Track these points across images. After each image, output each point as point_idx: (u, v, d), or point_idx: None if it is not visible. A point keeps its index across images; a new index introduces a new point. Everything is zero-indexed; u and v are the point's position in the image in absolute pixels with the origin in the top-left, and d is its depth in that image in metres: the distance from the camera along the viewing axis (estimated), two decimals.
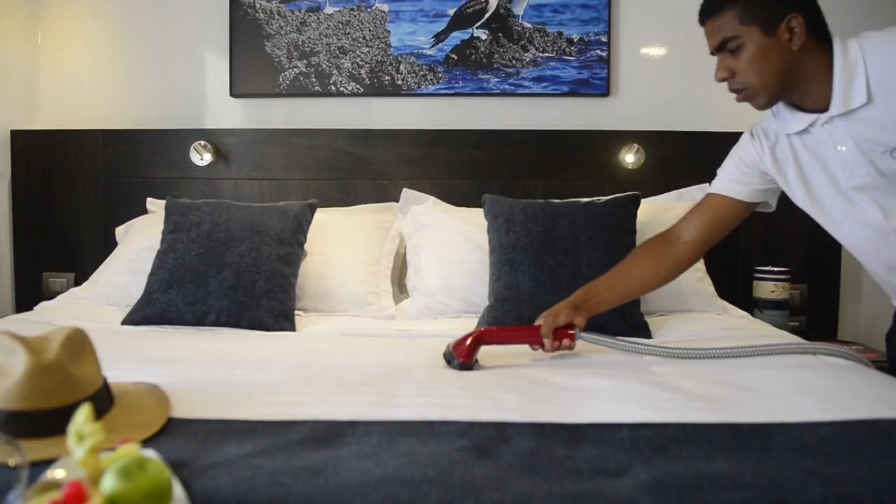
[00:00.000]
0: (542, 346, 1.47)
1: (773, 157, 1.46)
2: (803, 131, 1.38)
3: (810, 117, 1.34)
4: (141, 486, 0.77)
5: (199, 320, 1.84)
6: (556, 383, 1.31)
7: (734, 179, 1.54)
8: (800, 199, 1.47)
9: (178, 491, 0.82)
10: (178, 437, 1.03)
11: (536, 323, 1.49)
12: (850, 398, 1.19)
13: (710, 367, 1.42)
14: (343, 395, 1.19)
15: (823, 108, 1.32)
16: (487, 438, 1.02)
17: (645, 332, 1.78)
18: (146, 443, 1.00)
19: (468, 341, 1.43)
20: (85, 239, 2.59)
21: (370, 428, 1.05)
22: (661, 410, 1.12)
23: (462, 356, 1.41)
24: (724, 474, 0.88)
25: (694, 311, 2.02)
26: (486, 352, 1.46)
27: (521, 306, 1.80)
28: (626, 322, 1.79)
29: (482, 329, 1.47)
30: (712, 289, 2.11)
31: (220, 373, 1.35)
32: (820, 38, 1.30)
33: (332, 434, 1.04)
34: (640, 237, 2.08)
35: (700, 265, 2.16)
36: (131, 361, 1.42)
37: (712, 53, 1.38)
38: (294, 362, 1.44)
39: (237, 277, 1.86)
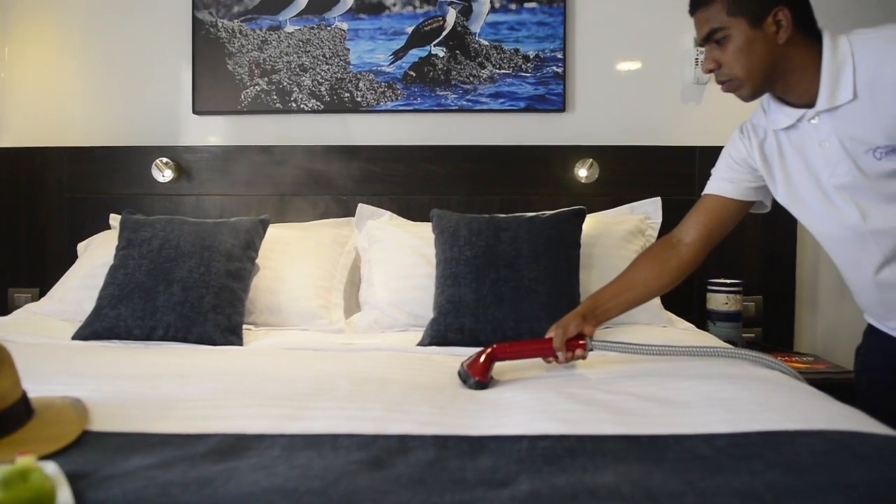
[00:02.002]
0: (556, 358, 1.49)
1: (761, 153, 1.48)
2: (790, 127, 1.39)
3: (798, 112, 1.36)
4: (21, 496, 0.80)
5: (147, 335, 1.87)
6: (475, 395, 1.34)
7: (725, 178, 1.56)
8: (781, 196, 1.49)
9: (66, 501, 0.85)
10: (88, 449, 1.05)
11: (547, 336, 1.51)
12: (759, 410, 1.21)
13: (636, 380, 1.44)
14: (260, 409, 1.21)
15: (808, 103, 1.33)
16: (387, 451, 1.04)
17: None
18: (56, 455, 1.02)
19: (482, 359, 1.43)
20: (50, 255, 2.61)
21: (276, 441, 1.07)
22: (566, 422, 1.15)
23: (477, 374, 1.41)
24: (604, 486, 0.90)
25: (639, 323, 2.04)
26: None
27: (463, 319, 1.83)
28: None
29: (495, 346, 1.47)
30: (658, 301, 2.13)
31: (151, 387, 1.38)
32: (807, 33, 1.32)
33: (238, 447, 1.06)
34: (590, 250, 2.13)
35: None
36: (70, 376, 1.45)
37: (700, 44, 1.39)
38: (227, 376, 1.47)
39: (185, 293, 1.88)
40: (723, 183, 1.56)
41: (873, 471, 0.95)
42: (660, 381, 1.42)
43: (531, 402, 1.26)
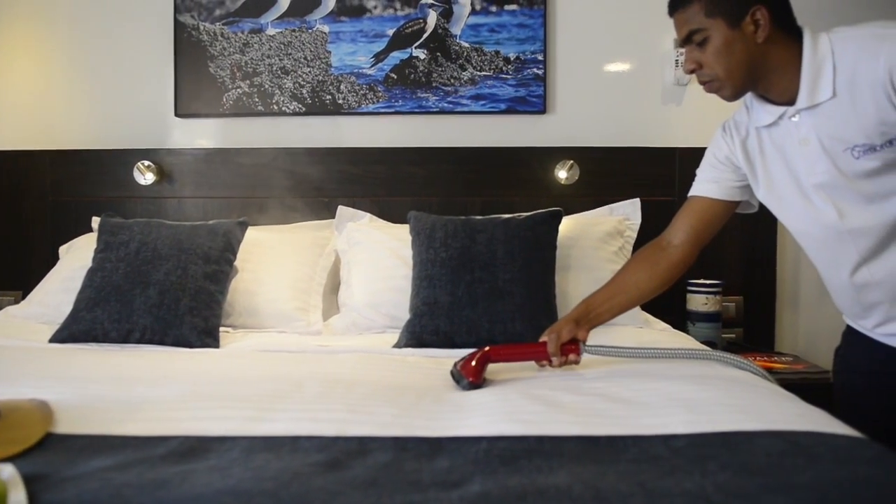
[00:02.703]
0: (550, 362, 1.50)
1: (743, 150, 1.49)
2: (772, 124, 1.40)
3: (779, 110, 1.36)
4: None
5: (123, 338, 1.87)
6: (441, 397, 1.34)
7: (709, 179, 1.56)
8: (762, 194, 1.50)
9: (18, 503, 0.85)
10: (50, 451, 1.06)
11: (541, 340, 1.52)
12: (721, 411, 1.22)
13: (604, 381, 1.45)
14: (224, 411, 1.22)
15: (789, 101, 1.34)
16: (346, 453, 1.04)
17: None
18: (17, 457, 1.03)
19: (475, 360, 1.44)
20: (33, 258, 2.61)
21: (237, 443, 1.08)
22: (527, 423, 1.15)
23: (471, 376, 1.42)
24: (555, 486, 0.91)
25: (616, 324, 2.01)
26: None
27: (438, 321, 1.84)
28: (538, 335, 1.82)
29: (488, 348, 1.48)
30: None
31: (120, 389, 1.38)
32: (787, 31, 1.32)
33: (198, 449, 1.06)
34: (567, 251, 2.13)
35: None
36: (43, 379, 1.46)
37: (681, 45, 1.40)
38: (197, 379, 1.48)
39: (161, 295, 1.89)
40: (707, 184, 1.57)
41: (824, 471, 0.96)
42: (627, 382, 1.43)
43: (495, 404, 1.27)
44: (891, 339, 1.45)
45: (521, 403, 1.27)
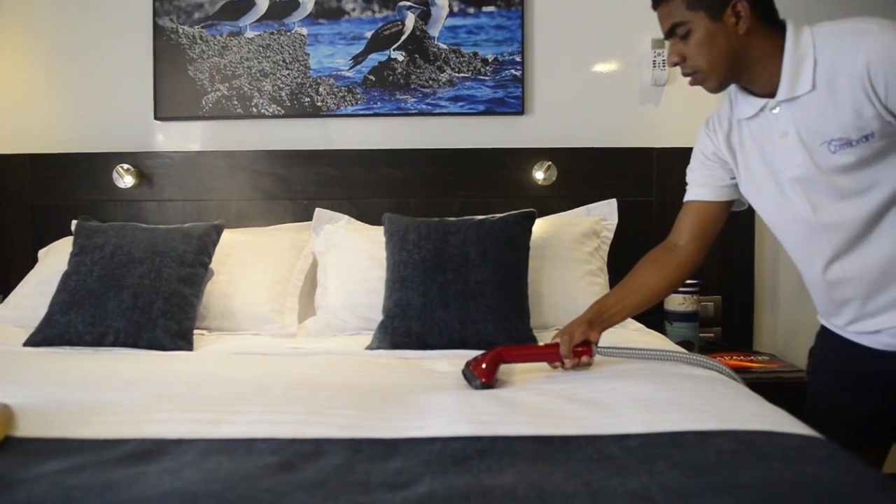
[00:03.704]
0: (562, 364, 1.51)
1: (727, 143, 1.50)
2: (754, 116, 1.41)
3: (761, 102, 1.37)
4: None
5: (97, 341, 1.87)
6: (405, 398, 1.34)
7: (699, 182, 1.58)
8: (743, 187, 1.51)
9: None
10: (7, 454, 1.06)
11: (553, 341, 1.53)
12: (678, 410, 1.23)
13: (569, 382, 1.45)
14: (185, 413, 1.23)
15: (771, 93, 1.35)
16: (300, 455, 1.05)
17: None
18: None
19: (487, 360, 1.44)
20: (14, 262, 2.61)
21: (193, 446, 1.09)
22: (483, 424, 1.16)
23: (484, 377, 1.43)
24: (500, 486, 0.92)
25: None
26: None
27: (411, 323, 1.84)
28: (513, 336, 1.83)
29: (501, 348, 1.49)
30: None
31: (87, 392, 1.39)
32: (769, 24, 1.33)
33: (154, 451, 1.07)
34: (542, 252, 2.14)
35: (601, 279, 2.21)
36: (11, 383, 1.47)
37: (665, 38, 1.41)
38: (164, 382, 1.48)
39: (135, 298, 1.89)
40: (698, 188, 1.58)
41: (772, 470, 0.97)
42: (592, 382, 1.44)
43: (455, 405, 1.27)
44: (862, 337, 1.46)
45: (482, 404, 1.27)
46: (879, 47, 1.21)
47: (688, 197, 1.60)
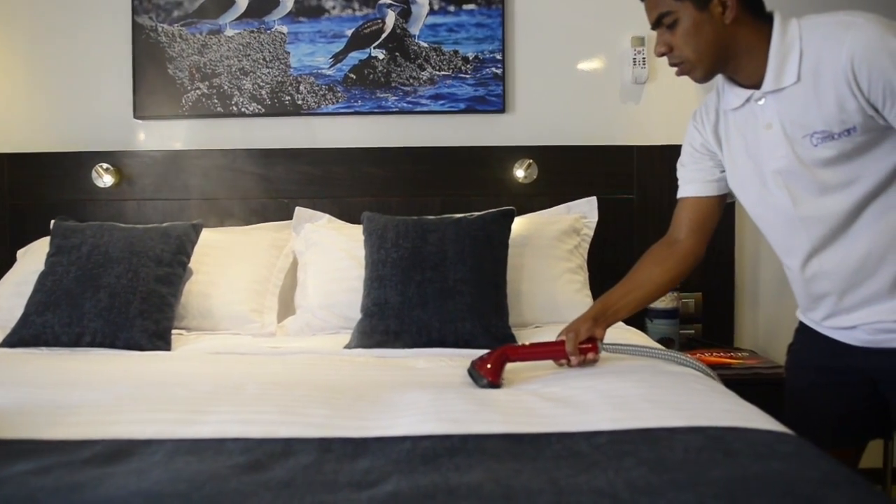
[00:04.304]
0: (568, 361, 1.51)
1: (715, 134, 1.51)
2: (740, 107, 1.41)
3: (747, 93, 1.38)
4: None
5: (74, 342, 1.86)
6: (378, 397, 1.34)
7: (690, 178, 1.58)
8: (729, 177, 1.52)
9: None
10: None
11: (558, 338, 1.53)
12: (649, 407, 1.24)
13: (544, 380, 1.46)
14: (156, 414, 1.22)
15: (756, 84, 1.35)
16: (269, 454, 1.05)
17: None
18: None
19: (494, 361, 1.44)
20: None
21: (162, 446, 1.08)
22: (454, 423, 1.16)
23: (490, 376, 1.42)
24: (466, 485, 0.92)
25: (568, 321, 2.05)
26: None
27: (389, 321, 1.84)
28: (492, 335, 1.83)
29: (506, 347, 1.49)
30: (589, 300, 2.15)
31: (59, 393, 1.38)
32: (756, 14, 1.34)
33: (123, 452, 1.07)
34: (521, 250, 2.14)
35: (580, 277, 2.21)
36: None
37: (652, 29, 1.41)
38: (138, 382, 1.48)
39: (112, 299, 1.89)
40: (690, 185, 1.58)
41: (738, 467, 0.97)
42: (567, 380, 1.44)
43: (428, 404, 1.27)
44: (838, 332, 1.46)
45: (455, 402, 1.27)
46: (863, 41, 1.22)
47: (680, 193, 1.60)
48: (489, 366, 1.44)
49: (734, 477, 0.94)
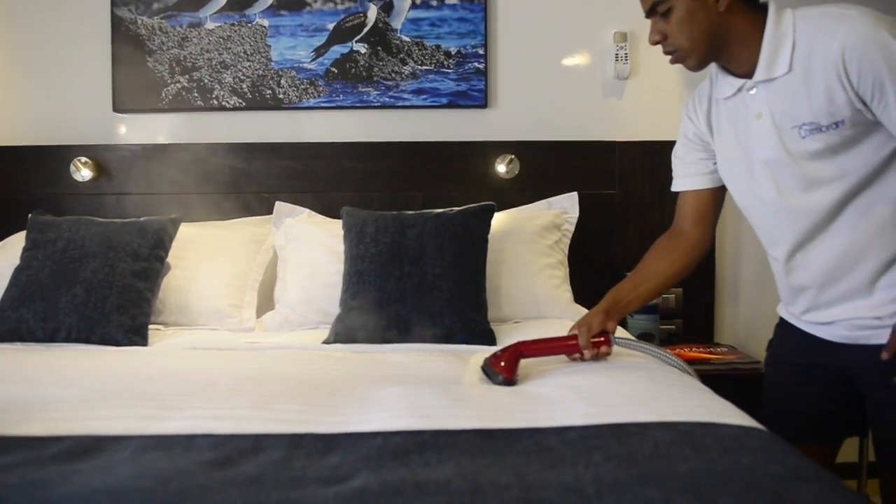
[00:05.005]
0: (581, 355, 1.51)
1: (707, 122, 1.51)
2: (731, 96, 1.42)
3: (739, 82, 1.38)
4: None
5: (49, 337, 1.85)
6: (353, 392, 1.33)
7: (686, 172, 1.59)
8: (719, 166, 1.52)
9: None
10: None
11: (570, 332, 1.52)
12: (622, 403, 1.24)
13: (520, 375, 1.46)
14: (126, 410, 1.21)
15: (749, 73, 1.36)
16: (239, 451, 1.04)
17: (489, 340, 1.83)
18: None
19: (508, 357, 1.44)
20: None
21: (132, 442, 1.07)
22: (427, 418, 1.15)
23: (505, 373, 1.42)
24: (433, 480, 0.92)
25: (549, 317, 2.06)
26: None
27: (367, 317, 1.84)
28: (470, 330, 1.83)
29: (519, 343, 1.48)
30: (569, 295, 2.16)
31: (30, 389, 1.37)
32: (750, 3, 1.34)
33: (92, 448, 1.05)
34: (501, 245, 2.14)
35: (560, 272, 2.22)
36: None
37: (646, 17, 1.40)
38: (111, 377, 1.47)
39: (88, 293, 1.87)
40: (687, 179, 1.59)
41: (705, 461, 0.98)
42: (542, 376, 1.44)
43: (402, 399, 1.27)
44: (817, 328, 1.47)
45: (430, 398, 1.27)
46: (855, 33, 1.23)
47: (678, 187, 1.61)
48: (503, 363, 1.43)
49: (700, 471, 0.94)
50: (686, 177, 1.59)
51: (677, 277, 1.63)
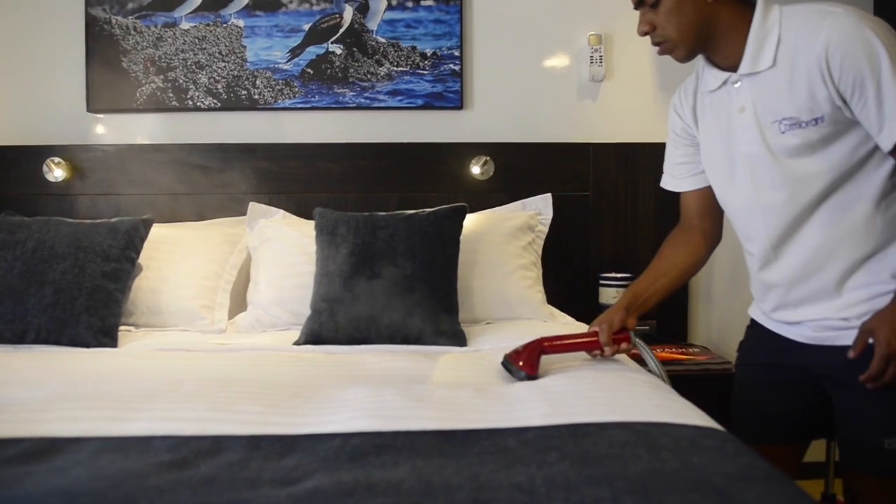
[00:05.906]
0: (602, 352, 1.52)
1: (693, 116, 1.52)
2: (717, 89, 1.43)
3: (724, 75, 1.39)
4: None
5: (18, 338, 1.84)
6: (317, 393, 1.33)
7: (678, 174, 1.60)
8: (703, 158, 1.53)
9: None
10: None
11: (591, 329, 1.54)
12: (581, 403, 1.24)
13: (485, 377, 1.47)
14: (86, 412, 1.20)
15: (734, 66, 1.37)
16: (196, 452, 1.04)
17: (460, 341, 1.84)
18: None
19: (529, 352, 1.44)
20: None
21: (89, 444, 1.07)
22: (387, 419, 1.16)
23: (527, 368, 1.43)
24: (386, 481, 0.92)
25: (522, 318, 2.08)
26: None
27: (337, 317, 1.84)
28: (441, 331, 1.84)
29: (542, 338, 1.48)
30: (541, 296, 2.17)
31: None
32: None
33: (49, 450, 1.05)
34: (474, 246, 2.15)
35: (533, 273, 2.23)
36: None
37: (635, 8, 1.41)
38: (76, 379, 1.46)
39: (57, 294, 1.86)
40: (680, 181, 1.60)
41: (657, 461, 0.98)
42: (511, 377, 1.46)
43: (364, 400, 1.27)
44: (784, 328, 1.49)
45: (392, 399, 1.26)
46: (839, 30, 1.24)
47: (677, 188, 1.62)
48: (525, 358, 1.44)
49: (650, 471, 0.95)
50: (682, 178, 1.60)
51: (692, 270, 1.64)
